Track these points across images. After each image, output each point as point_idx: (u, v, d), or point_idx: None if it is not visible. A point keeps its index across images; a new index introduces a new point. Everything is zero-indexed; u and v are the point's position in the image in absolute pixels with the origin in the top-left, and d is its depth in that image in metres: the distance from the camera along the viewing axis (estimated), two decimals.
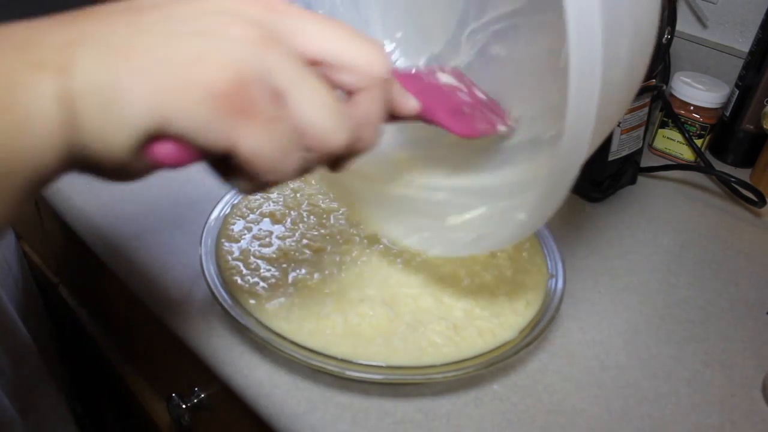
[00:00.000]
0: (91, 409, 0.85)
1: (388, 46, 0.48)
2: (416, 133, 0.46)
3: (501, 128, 0.40)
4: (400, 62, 0.48)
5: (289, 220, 0.47)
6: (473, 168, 0.44)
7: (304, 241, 0.45)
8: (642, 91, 0.54)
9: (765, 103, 0.62)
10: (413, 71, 0.39)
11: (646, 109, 0.57)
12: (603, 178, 0.57)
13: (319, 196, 0.49)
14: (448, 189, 0.44)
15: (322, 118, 0.24)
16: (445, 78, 0.40)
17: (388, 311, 0.40)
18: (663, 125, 0.65)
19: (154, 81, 0.21)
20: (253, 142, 0.22)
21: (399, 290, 0.41)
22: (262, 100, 0.22)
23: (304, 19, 0.25)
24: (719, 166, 0.66)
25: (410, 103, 0.30)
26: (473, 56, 0.46)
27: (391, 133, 0.46)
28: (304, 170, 0.25)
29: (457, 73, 0.42)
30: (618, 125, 0.54)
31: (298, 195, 0.49)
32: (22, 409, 0.57)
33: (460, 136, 0.37)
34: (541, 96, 0.43)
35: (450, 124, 0.36)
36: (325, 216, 0.47)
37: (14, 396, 0.57)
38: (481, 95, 0.41)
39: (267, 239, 0.45)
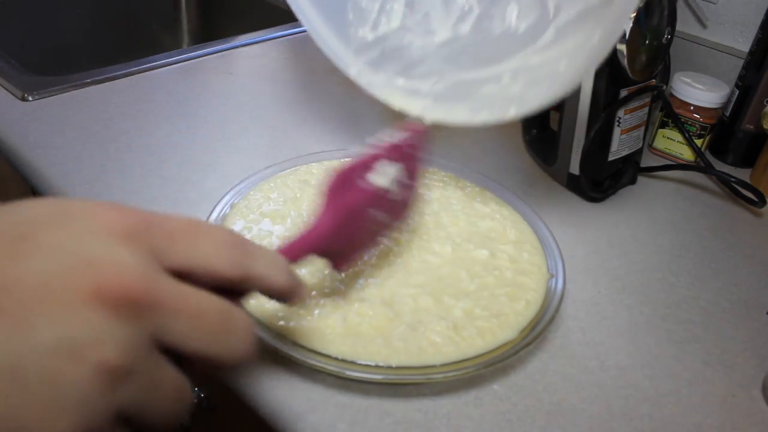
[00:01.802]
0: None
1: None
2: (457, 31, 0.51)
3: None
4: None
5: (289, 220, 0.47)
6: (524, 53, 0.47)
7: None
8: (642, 91, 0.54)
9: (765, 103, 0.62)
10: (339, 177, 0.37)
11: (646, 109, 0.57)
12: (603, 178, 0.57)
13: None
14: (508, 72, 0.46)
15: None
16: (380, 177, 0.39)
17: (388, 311, 0.40)
18: (663, 125, 0.65)
19: None
20: None
21: (399, 290, 0.41)
22: None
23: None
24: (719, 166, 0.66)
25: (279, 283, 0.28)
26: None
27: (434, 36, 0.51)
28: None
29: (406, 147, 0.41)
30: (618, 125, 0.54)
31: (298, 195, 0.49)
32: None
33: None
34: None
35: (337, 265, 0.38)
36: None
37: None
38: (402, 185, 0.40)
39: (267, 239, 0.45)
